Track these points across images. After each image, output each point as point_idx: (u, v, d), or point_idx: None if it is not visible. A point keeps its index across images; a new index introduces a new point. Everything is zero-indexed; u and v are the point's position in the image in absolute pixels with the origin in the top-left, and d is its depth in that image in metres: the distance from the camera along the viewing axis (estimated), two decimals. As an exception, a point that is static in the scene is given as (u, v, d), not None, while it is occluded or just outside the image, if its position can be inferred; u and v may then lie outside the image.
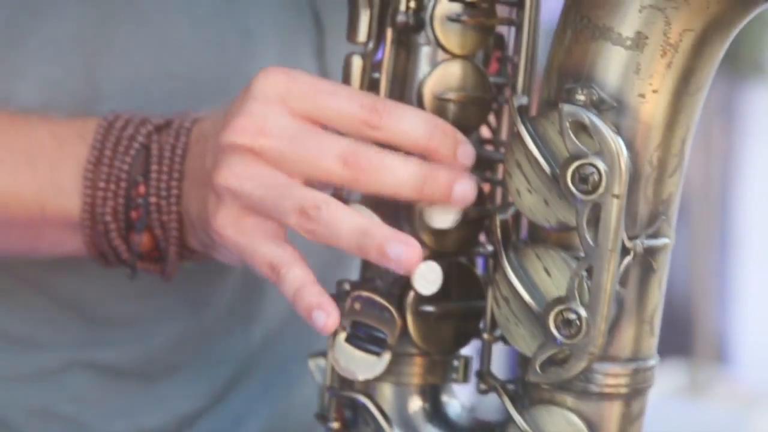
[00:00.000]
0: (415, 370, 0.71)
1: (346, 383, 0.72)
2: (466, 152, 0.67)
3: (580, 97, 0.65)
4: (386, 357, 0.70)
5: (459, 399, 0.74)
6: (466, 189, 0.67)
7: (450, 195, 0.67)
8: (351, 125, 0.67)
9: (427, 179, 0.66)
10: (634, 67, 0.64)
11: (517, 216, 0.70)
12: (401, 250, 0.65)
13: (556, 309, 0.65)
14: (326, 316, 0.66)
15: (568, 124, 0.64)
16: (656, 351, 0.69)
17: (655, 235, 0.67)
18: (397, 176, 0.66)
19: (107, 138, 0.73)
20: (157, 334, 0.80)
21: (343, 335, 0.70)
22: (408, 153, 0.68)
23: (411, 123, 0.67)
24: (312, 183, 0.67)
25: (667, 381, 3.03)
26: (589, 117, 0.64)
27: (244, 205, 0.68)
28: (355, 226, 0.65)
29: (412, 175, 0.66)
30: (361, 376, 0.70)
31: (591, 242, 0.64)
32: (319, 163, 0.67)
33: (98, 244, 0.73)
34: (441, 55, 0.70)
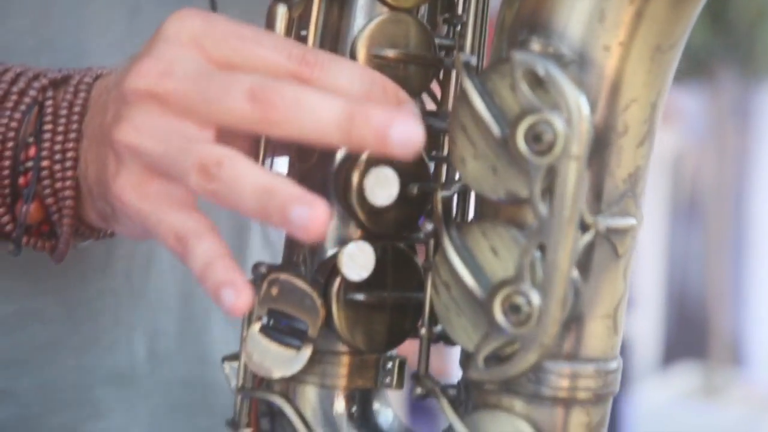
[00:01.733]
0: (341, 371, 0.62)
1: (262, 382, 0.62)
2: (409, 108, 0.58)
3: (536, 46, 0.56)
4: (306, 351, 0.60)
5: (392, 406, 0.64)
6: (407, 131, 0.54)
7: (386, 139, 0.54)
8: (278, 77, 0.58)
9: (357, 118, 0.54)
10: (598, 15, 0.56)
11: (464, 195, 0.61)
12: (305, 212, 0.53)
13: (503, 292, 0.56)
14: (236, 294, 0.55)
15: (520, 75, 0.55)
16: (618, 353, 0.60)
17: (619, 214, 0.57)
18: (318, 115, 0.55)
19: None
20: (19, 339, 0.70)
21: (257, 326, 0.60)
22: None
23: (346, 77, 0.57)
24: (225, 133, 0.58)
25: (682, 383, 3.02)
26: (545, 66, 0.55)
27: (146, 165, 0.58)
28: (259, 184, 0.54)
29: (337, 112, 0.55)
30: (277, 373, 0.60)
31: (545, 213, 0.55)
32: (224, 102, 0.56)
33: None
34: (379, 8, 0.61)
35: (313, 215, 0.53)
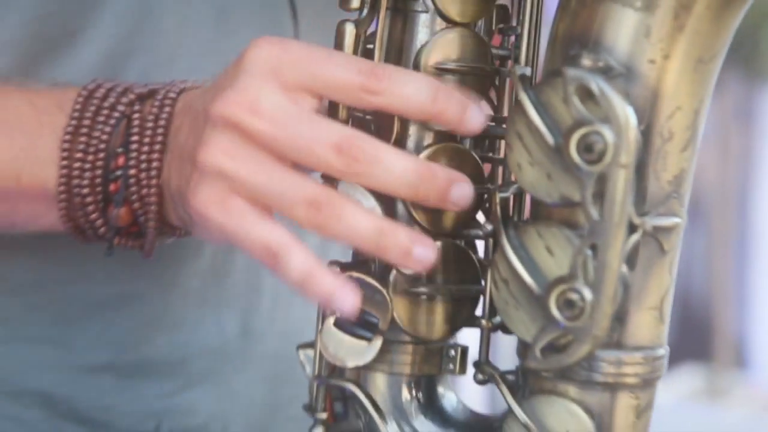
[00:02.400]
0: (408, 359, 0.67)
1: (336, 372, 0.67)
2: (476, 116, 0.63)
3: (586, 62, 0.61)
4: (377, 343, 0.65)
5: (455, 391, 0.69)
6: (463, 192, 0.63)
7: (447, 197, 0.63)
8: (349, 93, 0.63)
9: (425, 178, 0.63)
10: (644, 31, 0.60)
11: (520, 196, 0.66)
12: (426, 253, 0.62)
13: (558, 289, 0.61)
14: (345, 298, 0.62)
15: (572, 90, 0.60)
16: (666, 341, 0.65)
17: (665, 214, 0.62)
18: (393, 172, 0.62)
19: (86, 107, 0.69)
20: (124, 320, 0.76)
21: (332, 319, 0.65)
22: (411, 119, 0.64)
23: (414, 86, 0.63)
24: (300, 169, 0.63)
25: (685, 385, 3.00)
26: (596, 82, 0.59)
27: (234, 187, 0.64)
28: (373, 225, 0.62)
29: (409, 171, 0.62)
30: (351, 363, 0.65)
31: (596, 216, 0.60)
32: (312, 150, 0.63)
33: (75, 218, 0.70)
34: (440, 23, 0.66)
35: (428, 254, 0.62)
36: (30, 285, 0.76)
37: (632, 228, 0.61)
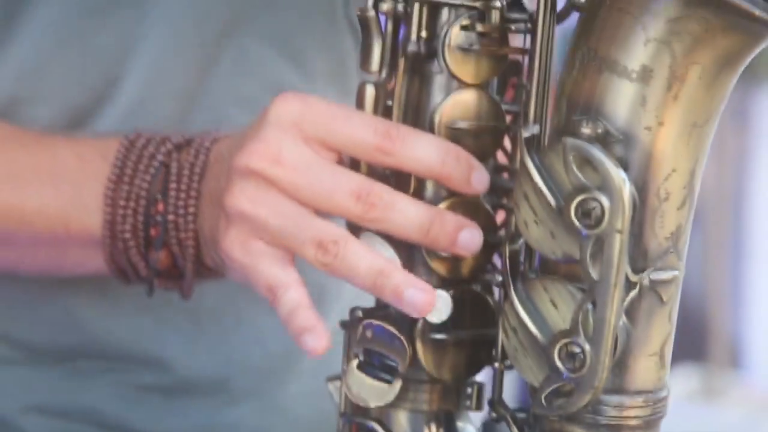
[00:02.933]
0: (428, 397, 0.72)
1: (361, 409, 0.72)
2: (481, 178, 0.68)
3: (586, 130, 0.65)
4: (397, 385, 0.70)
5: (474, 425, 0.74)
6: (471, 237, 0.68)
7: (455, 242, 0.68)
8: (364, 151, 0.68)
9: (435, 224, 0.67)
10: (640, 100, 0.64)
11: (530, 247, 0.70)
12: (417, 296, 0.66)
13: (561, 342, 0.65)
14: (315, 339, 0.67)
15: (572, 158, 0.64)
16: (667, 382, 0.69)
17: (663, 268, 0.66)
18: (407, 217, 0.67)
19: (128, 157, 0.74)
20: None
21: (355, 362, 0.71)
22: (421, 179, 0.68)
23: (424, 149, 0.68)
24: (321, 215, 0.68)
25: (681, 386, 3.00)
26: (593, 151, 0.64)
27: (255, 229, 0.69)
28: (373, 266, 0.66)
29: (421, 217, 0.67)
30: (373, 404, 0.71)
31: (595, 276, 0.64)
32: (332, 197, 0.68)
33: (118, 262, 0.75)
34: (454, 83, 0.71)
35: (423, 297, 0.66)
36: None
37: (631, 284, 0.65)
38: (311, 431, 0.86)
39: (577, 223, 0.64)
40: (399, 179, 0.70)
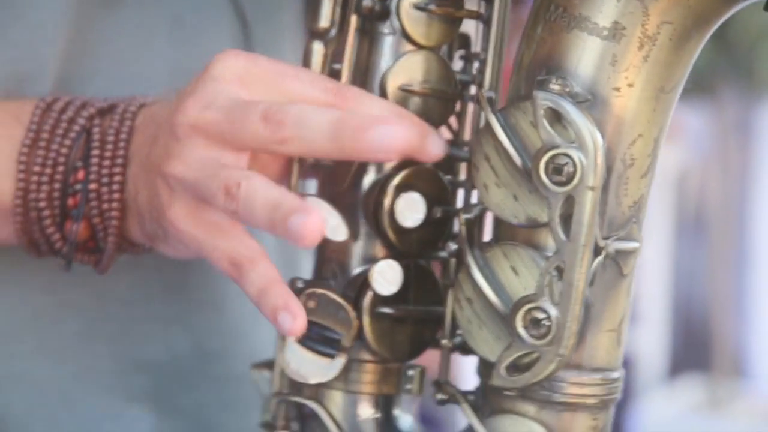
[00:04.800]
0: (368, 378, 0.67)
1: (295, 389, 0.67)
2: (436, 143, 0.64)
3: (555, 86, 0.62)
4: (340, 360, 0.65)
5: (411, 413, 0.70)
6: (387, 136, 0.60)
7: (370, 144, 0.60)
8: None
9: (342, 126, 0.60)
10: (609, 59, 0.62)
11: (480, 218, 0.67)
12: (301, 220, 0.59)
13: (525, 308, 0.62)
14: (292, 318, 0.61)
15: (542, 113, 0.61)
16: (621, 364, 0.66)
17: (626, 238, 0.64)
18: (314, 127, 0.61)
19: (44, 120, 0.69)
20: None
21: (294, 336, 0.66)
22: None
23: (376, 110, 0.63)
24: (261, 161, 0.63)
25: (686, 396, 3.03)
26: (565, 105, 0.61)
27: (194, 194, 0.64)
28: (269, 200, 0.60)
29: (326, 122, 0.61)
30: (313, 380, 0.66)
31: (563, 237, 0.61)
32: (245, 127, 0.62)
33: (30, 233, 0.69)
34: (406, 45, 0.67)
35: (308, 223, 0.59)
36: None
37: (597, 251, 0.62)
38: None
39: (546, 180, 0.61)
40: None
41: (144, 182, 0.67)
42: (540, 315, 0.61)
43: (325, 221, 0.62)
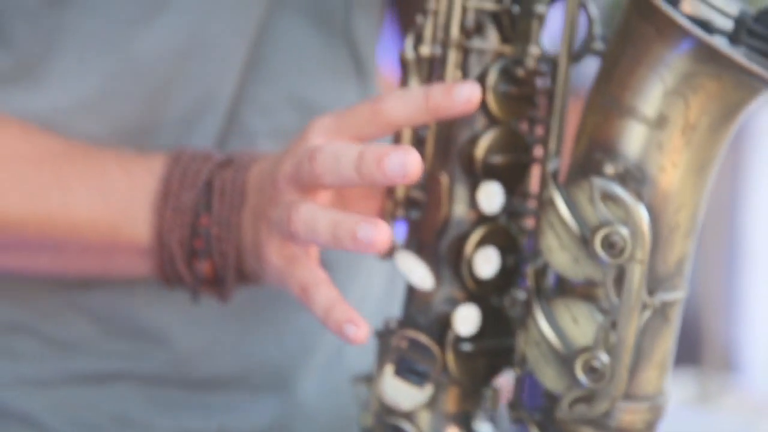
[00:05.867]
0: (450, 398, 0.80)
1: (391, 409, 0.80)
2: (465, 90, 0.71)
3: (609, 169, 0.73)
4: (429, 389, 0.78)
5: (490, 425, 0.83)
6: (398, 163, 0.67)
7: (382, 170, 0.68)
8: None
9: (365, 156, 0.68)
10: (656, 144, 0.73)
11: (544, 268, 0.78)
12: (370, 233, 0.67)
13: (584, 356, 0.74)
14: (356, 328, 0.71)
15: (598, 196, 0.72)
16: (666, 388, 0.78)
17: (670, 289, 0.75)
18: (341, 163, 0.70)
19: (174, 172, 0.80)
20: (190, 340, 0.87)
21: (391, 368, 0.78)
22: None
23: (402, 102, 0.72)
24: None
25: (676, 391, 2.99)
26: (618, 191, 0.72)
27: (283, 233, 0.75)
28: (329, 219, 0.69)
29: (353, 156, 0.69)
30: (406, 407, 0.79)
31: (615, 301, 0.73)
32: (301, 168, 0.72)
33: (165, 270, 0.81)
34: (484, 119, 0.78)
35: (377, 232, 0.67)
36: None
37: (644, 306, 0.74)
38: (329, 426, 0.93)
39: (601, 252, 0.72)
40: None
41: (251, 226, 0.79)
42: (596, 364, 0.73)
43: (413, 272, 0.75)
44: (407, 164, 0.67)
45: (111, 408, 0.87)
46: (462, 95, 0.71)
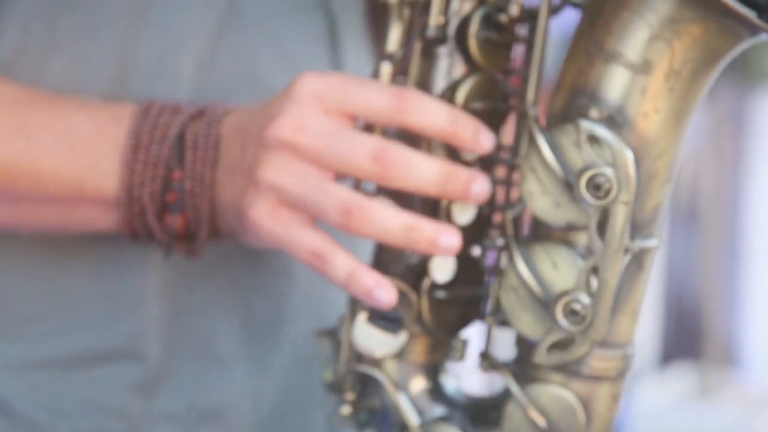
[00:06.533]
0: (420, 349, 0.79)
1: (358, 358, 0.79)
2: (487, 138, 0.75)
3: (594, 113, 0.73)
4: (403, 336, 0.77)
5: (455, 377, 0.82)
6: (482, 187, 0.75)
7: (468, 192, 0.75)
8: (381, 112, 0.74)
9: (450, 177, 0.74)
10: (640, 89, 0.73)
11: (520, 215, 0.78)
12: (450, 240, 0.73)
13: (564, 299, 0.74)
14: (387, 293, 0.73)
15: (584, 138, 0.72)
16: (634, 339, 0.78)
17: (647, 237, 0.76)
18: (423, 173, 0.74)
19: (143, 125, 0.78)
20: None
21: (364, 315, 0.77)
22: (432, 137, 0.75)
23: (435, 109, 0.75)
24: (342, 177, 0.74)
25: (677, 384, 2.97)
26: (604, 133, 0.72)
27: (282, 198, 0.74)
28: (402, 223, 0.73)
29: (436, 172, 0.74)
30: (379, 354, 0.77)
31: (599, 244, 0.73)
32: (352, 159, 0.74)
33: (133, 223, 0.79)
34: (461, 67, 0.78)
35: (454, 240, 0.74)
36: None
37: (626, 250, 0.74)
38: (299, 399, 0.88)
39: (586, 194, 0.72)
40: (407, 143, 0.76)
41: (228, 183, 0.77)
42: (577, 306, 0.73)
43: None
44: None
45: (85, 394, 0.83)
46: (485, 143, 0.75)
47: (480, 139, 0.75)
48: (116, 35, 0.81)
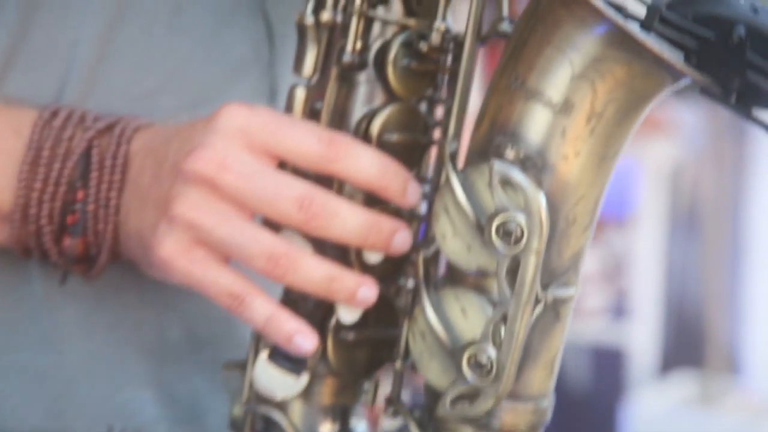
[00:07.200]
0: (328, 390, 0.75)
1: (261, 398, 0.75)
2: (414, 191, 0.72)
3: (509, 153, 0.69)
4: (304, 378, 0.73)
5: (365, 421, 0.78)
6: (403, 239, 0.72)
7: (389, 245, 0.72)
8: (309, 158, 0.71)
9: (373, 229, 0.71)
10: (560, 130, 0.69)
11: (436, 255, 0.74)
12: (368, 293, 0.71)
13: (470, 350, 0.70)
14: (310, 339, 0.71)
15: (497, 179, 0.68)
16: (551, 391, 0.74)
17: (564, 285, 0.72)
18: (347, 225, 0.71)
19: (45, 138, 0.73)
20: None
21: (265, 354, 0.73)
22: (359, 188, 0.72)
23: (366, 160, 0.71)
24: (263, 220, 0.71)
25: (678, 391, 2.94)
26: (517, 176, 0.68)
27: (199, 237, 0.70)
28: (325, 273, 0.70)
29: (360, 224, 0.71)
30: (280, 396, 0.74)
31: (508, 293, 0.69)
32: (275, 204, 0.70)
33: (26, 242, 0.74)
34: (382, 95, 0.74)
35: (373, 293, 0.72)
36: None
37: (536, 300, 0.70)
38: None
39: (497, 240, 0.68)
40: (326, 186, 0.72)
41: (135, 211, 0.73)
42: (483, 358, 0.69)
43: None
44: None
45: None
46: (411, 199, 0.72)
47: (407, 194, 0.72)
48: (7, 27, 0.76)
